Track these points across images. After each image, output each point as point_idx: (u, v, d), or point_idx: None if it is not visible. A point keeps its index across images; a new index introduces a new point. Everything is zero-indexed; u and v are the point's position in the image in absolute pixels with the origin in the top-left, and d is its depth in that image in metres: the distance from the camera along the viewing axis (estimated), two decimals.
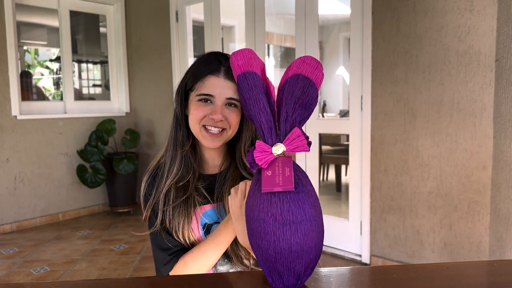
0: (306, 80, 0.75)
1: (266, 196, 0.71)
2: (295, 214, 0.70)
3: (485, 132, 2.16)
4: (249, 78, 0.75)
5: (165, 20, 3.84)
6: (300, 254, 0.70)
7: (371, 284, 0.83)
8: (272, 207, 0.70)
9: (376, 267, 0.98)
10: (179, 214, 1.00)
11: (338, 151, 4.35)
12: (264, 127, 0.74)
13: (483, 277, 0.86)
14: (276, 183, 0.70)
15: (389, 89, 2.52)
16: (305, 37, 2.93)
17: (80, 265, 2.78)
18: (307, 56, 0.77)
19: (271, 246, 0.70)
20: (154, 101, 4.11)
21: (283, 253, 0.70)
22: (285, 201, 0.70)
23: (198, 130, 0.98)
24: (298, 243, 0.70)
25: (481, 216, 2.21)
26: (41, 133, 3.72)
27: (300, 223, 0.70)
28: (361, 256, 2.77)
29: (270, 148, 0.73)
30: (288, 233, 0.69)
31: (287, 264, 0.71)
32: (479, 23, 2.14)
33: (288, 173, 0.70)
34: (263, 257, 0.72)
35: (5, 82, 3.47)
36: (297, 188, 0.71)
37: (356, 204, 2.79)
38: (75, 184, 3.93)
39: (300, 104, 0.74)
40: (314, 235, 0.71)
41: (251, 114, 0.75)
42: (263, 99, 0.74)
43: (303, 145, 0.72)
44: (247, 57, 0.77)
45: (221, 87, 0.96)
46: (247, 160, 0.75)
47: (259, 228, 0.72)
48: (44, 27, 4.49)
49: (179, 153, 1.02)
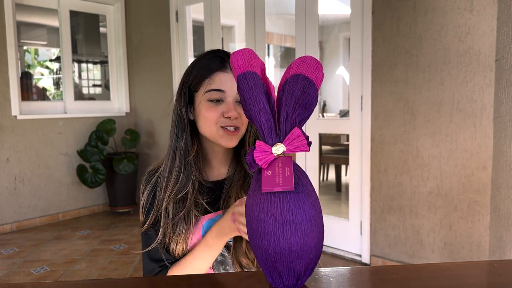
0: (306, 80, 0.75)
1: (266, 196, 0.71)
2: (295, 214, 0.70)
3: (485, 132, 2.16)
4: (249, 78, 0.75)
5: (165, 20, 3.84)
6: (300, 254, 0.71)
7: (371, 284, 0.83)
8: (272, 207, 0.70)
9: (376, 267, 0.98)
10: (180, 232, 0.96)
11: (338, 151, 4.35)
12: (264, 127, 0.74)
13: (483, 277, 0.86)
14: (276, 183, 0.70)
15: (389, 89, 2.52)
16: (305, 37, 2.93)
17: (80, 265, 2.78)
18: (307, 56, 0.77)
19: (271, 246, 0.71)
20: (154, 101, 4.11)
21: (283, 253, 0.70)
22: (285, 201, 0.70)
23: (215, 130, 0.95)
24: (298, 243, 0.70)
25: (481, 216, 2.21)
26: (41, 133, 3.72)
27: (300, 223, 0.70)
28: (361, 256, 2.77)
29: (270, 148, 0.73)
30: (288, 233, 0.70)
31: (287, 264, 0.71)
32: (479, 23, 2.14)
33: (288, 173, 0.71)
34: (263, 257, 0.73)
35: (5, 82, 3.47)
36: (297, 188, 0.71)
37: (356, 204, 2.79)
38: (75, 184, 3.93)
39: (300, 104, 0.74)
40: (314, 235, 0.71)
41: (251, 114, 0.75)
42: (263, 99, 0.74)
43: (303, 145, 0.71)
44: (247, 57, 0.77)
45: (231, 83, 0.94)
46: (247, 160, 0.75)
47: (259, 228, 0.72)
48: (44, 27, 4.49)
49: (180, 162, 0.97)
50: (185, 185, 0.96)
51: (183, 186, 0.96)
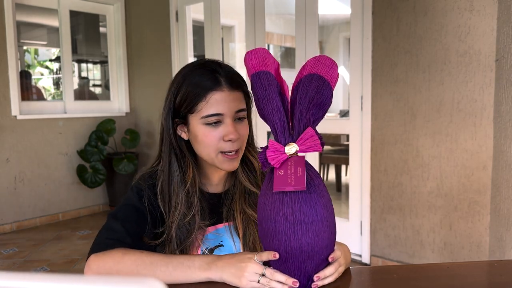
0: (321, 79, 0.74)
1: (277, 195, 0.71)
2: (307, 214, 0.70)
3: (485, 132, 2.16)
4: (263, 77, 0.74)
5: (165, 20, 3.83)
6: (311, 254, 0.70)
7: (371, 284, 0.83)
8: (283, 206, 0.70)
9: (376, 267, 0.98)
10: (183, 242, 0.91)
11: (338, 151, 4.35)
12: (277, 126, 0.73)
13: (483, 277, 0.86)
14: (288, 182, 0.70)
15: (389, 89, 2.52)
16: (305, 37, 2.93)
17: (80, 265, 2.78)
18: (322, 56, 0.76)
19: (282, 245, 0.71)
20: (154, 101, 4.11)
21: (294, 253, 0.70)
22: (297, 201, 0.70)
23: (214, 157, 0.90)
24: (309, 243, 0.70)
25: (481, 216, 2.21)
26: (41, 133, 3.72)
27: (311, 223, 0.70)
28: (361, 256, 2.77)
29: (283, 147, 0.73)
30: (299, 233, 0.69)
31: (297, 264, 0.71)
32: (479, 23, 2.14)
33: (301, 173, 0.70)
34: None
35: (5, 82, 3.46)
36: (309, 188, 0.71)
37: (356, 204, 2.79)
38: (75, 184, 3.93)
39: (314, 104, 0.73)
40: (326, 235, 0.71)
41: (264, 114, 0.74)
42: (276, 99, 0.73)
43: (316, 145, 0.71)
44: (261, 56, 0.76)
45: (228, 101, 0.88)
46: (260, 159, 0.74)
47: (270, 227, 0.72)
48: (44, 27, 4.49)
49: (180, 190, 0.91)
50: (187, 212, 0.91)
51: (186, 213, 0.91)
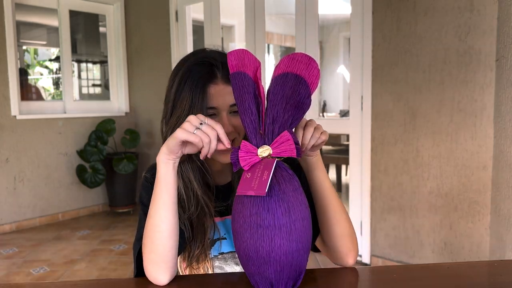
0: (296, 78, 0.72)
1: (241, 197, 0.71)
2: (263, 218, 0.68)
3: (485, 132, 2.16)
4: (238, 78, 0.74)
5: (165, 20, 3.83)
6: (267, 259, 0.69)
7: (371, 284, 0.83)
8: (244, 208, 0.70)
9: (376, 267, 0.98)
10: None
11: (338, 151, 4.34)
12: (248, 128, 0.72)
13: (483, 277, 0.86)
14: (251, 186, 0.68)
15: (389, 89, 2.51)
16: (305, 37, 2.93)
17: (80, 265, 2.78)
18: (297, 53, 0.73)
19: (242, 246, 0.71)
20: (154, 101, 4.10)
21: (251, 256, 0.70)
22: (255, 204, 0.69)
23: None
24: (264, 248, 0.68)
25: (481, 216, 2.21)
26: (40, 133, 3.72)
27: (267, 228, 0.68)
28: (361, 256, 2.76)
29: (256, 149, 0.71)
30: (255, 237, 0.69)
31: (256, 268, 0.71)
32: (480, 23, 2.13)
33: (265, 177, 0.68)
34: (239, 257, 0.74)
35: (4, 82, 3.46)
36: (271, 192, 0.69)
37: (356, 204, 2.79)
38: (74, 184, 3.93)
39: (291, 104, 0.71)
40: (284, 242, 0.68)
41: (239, 114, 0.74)
42: (248, 99, 0.72)
43: (291, 150, 0.69)
44: (241, 57, 0.75)
45: (223, 94, 0.87)
46: (231, 159, 0.72)
47: (233, 227, 0.73)
48: (43, 27, 4.49)
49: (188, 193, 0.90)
50: (194, 210, 0.91)
51: (193, 211, 0.91)
